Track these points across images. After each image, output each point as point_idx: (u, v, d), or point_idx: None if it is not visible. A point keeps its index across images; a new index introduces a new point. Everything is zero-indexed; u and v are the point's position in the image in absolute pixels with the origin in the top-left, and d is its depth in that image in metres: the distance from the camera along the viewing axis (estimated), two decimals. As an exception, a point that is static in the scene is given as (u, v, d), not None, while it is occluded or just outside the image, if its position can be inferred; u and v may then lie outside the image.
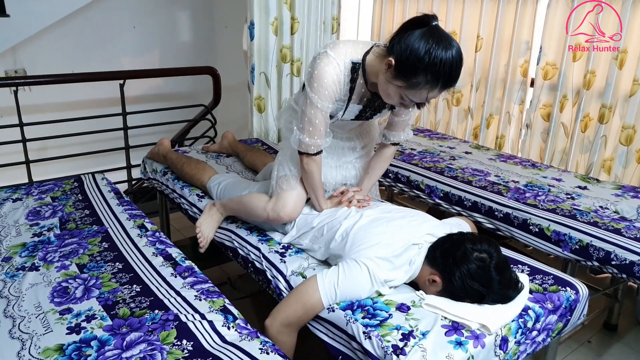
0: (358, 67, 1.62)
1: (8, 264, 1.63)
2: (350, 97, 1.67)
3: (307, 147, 1.69)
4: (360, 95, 1.69)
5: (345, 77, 1.62)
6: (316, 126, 1.65)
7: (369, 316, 1.43)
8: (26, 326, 1.33)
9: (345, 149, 1.95)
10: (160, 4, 4.42)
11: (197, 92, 4.22)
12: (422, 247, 1.57)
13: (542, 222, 2.07)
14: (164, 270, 1.61)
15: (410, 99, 1.50)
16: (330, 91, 1.60)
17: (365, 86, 1.66)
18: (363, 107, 1.73)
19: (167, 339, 1.28)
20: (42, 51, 3.82)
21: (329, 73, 1.58)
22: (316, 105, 1.61)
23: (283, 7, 2.97)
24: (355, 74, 1.62)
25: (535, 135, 3.13)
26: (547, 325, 1.51)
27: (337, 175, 1.95)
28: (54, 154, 3.27)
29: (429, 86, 1.44)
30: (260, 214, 1.84)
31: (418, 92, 1.46)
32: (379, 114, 1.80)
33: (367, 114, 1.78)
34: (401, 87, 1.48)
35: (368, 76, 1.62)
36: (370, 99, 1.71)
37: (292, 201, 1.79)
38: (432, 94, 1.47)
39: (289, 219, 1.81)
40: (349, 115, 1.75)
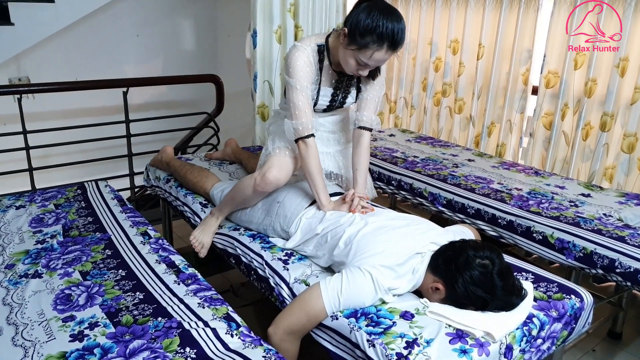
0: (323, 49, 1.86)
1: (11, 271, 1.63)
2: (320, 80, 1.88)
3: (297, 130, 1.83)
4: (329, 77, 1.91)
5: (314, 58, 1.84)
6: (300, 107, 1.81)
7: (372, 324, 1.43)
8: (29, 334, 1.32)
9: (331, 140, 2.08)
10: (163, 12, 4.45)
11: (200, 100, 4.23)
12: (425, 255, 1.57)
13: (546, 230, 2.07)
14: (167, 277, 1.61)
15: (362, 60, 1.71)
16: (304, 72, 1.81)
17: (331, 67, 1.88)
18: (333, 89, 1.93)
19: (171, 346, 1.28)
20: (45, 59, 3.84)
21: (299, 57, 1.81)
22: (295, 87, 1.80)
23: (287, 15, 2.98)
24: (322, 55, 1.86)
25: (537, 144, 3.13)
26: (552, 333, 1.50)
27: (330, 163, 2.06)
28: (57, 161, 3.28)
29: (376, 46, 1.67)
30: (248, 184, 1.92)
31: (367, 52, 1.69)
32: (349, 96, 1.97)
33: (339, 98, 1.96)
34: (354, 51, 1.70)
35: (332, 57, 1.86)
36: (338, 80, 1.92)
37: (277, 163, 1.89)
38: (379, 54, 1.69)
39: (275, 180, 1.87)
40: (324, 100, 1.93)
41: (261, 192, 1.92)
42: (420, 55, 3.82)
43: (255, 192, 1.92)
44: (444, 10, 3.58)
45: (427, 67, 3.79)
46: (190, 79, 4.11)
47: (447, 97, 3.68)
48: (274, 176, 1.87)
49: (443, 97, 3.69)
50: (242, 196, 1.98)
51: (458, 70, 3.53)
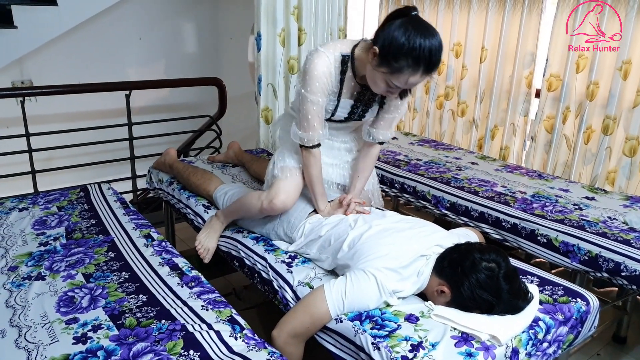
0: (347, 60, 1.70)
1: (14, 273, 1.62)
2: (341, 91, 1.75)
3: (302, 140, 1.77)
4: (351, 89, 1.76)
5: (336, 69, 1.70)
6: (310, 121, 1.73)
7: (377, 327, 1.42)
8: (32, 336, 1.32)
9: (342, 150, 2.00)
10: (165, 15, 4.45)
11: (202, 103, 4.23)
12: (430, 258, 1.56)
13: (550, 233, 2.06)
14: (171, 280, 1.60)
15: (395, 84, 1.57)
16: (321, 83, 1.68)
17: (354, 79, 1.73)
18: (354, 101, 1.79)
19: (174, 349, 1.27)
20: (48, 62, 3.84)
21: (319, 65, 1.67)
22: (308, 99, 1.69)
23: (290, 18, 2.98)
24: (345, 66, 1.71)
25: (539, 147, 3.13)
26: (558, 336, 1.49)
27: (334, 174, 2.00)
28: (59, 164, 3.28)
29: (411, 70, 1.52)
30: (255, 204, 1.87)
31: (401, 77, 1.54)
32: (369, 110, 1.85)
33: (359, 111, 1.83)
34: (385, 73, 1.55)
35: (357, 69, 1.70)
36: (360, 92, 1.78)
37: (285, 189, 1.83)
38: (414, 78, 1.54)
39: (282, 206, 1.83)
40: (342, 112, 1.81)
41: (266, 214, 1.90)
42: (422, 58, 3.81)
43: (261, 213, 1.90)
44: (447, 14, 3.58)
45: (430, 70, 3.78)
46: (193, 81, 4.11)
47: (449, 100, 3.67)
48: (282, 202, 1.82)
49: (446, 100, 3.68)
50: (248, 214, 1.96)
51: (461, 73, 3.53)
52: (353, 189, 1.97)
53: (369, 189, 2.14)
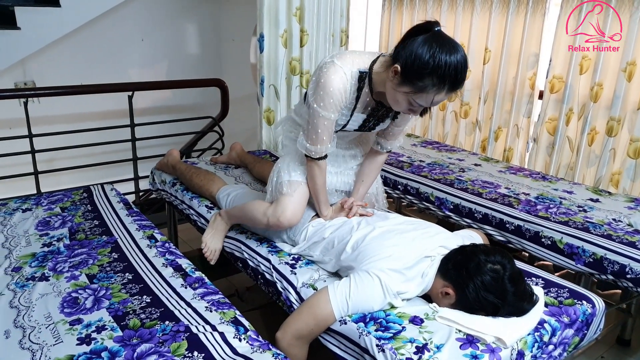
0: (365, 77, 1.63)
1: (18, 274, 1.62)
2: (355, 106, 1.69)
3: (309, 152, 1.72)
4: (365, 104, 1.70)
5: (352, 86, 1.62)
6: (319, 135, 1.67)
7: (382, 329, 1.41)
8: (36, 337, 1.31)
9: (347, 157, 1.97)
10: (168, 17, 4.46)
11: (204, 104, 4.24)
12: (434, 259, 1.55)
13: (555, 235, 2.05)
14: (174, 281, 1.60)
15: (418, 103, 1.51)
16: (336, 100, 1.61)
17: (370, 95, 1.66)
18: (367, 116, 1.74)
19: (178, 350, 1.27)
20: (51, 63, 3.85)
21: (335, 82, 1.59)
22: (320, 114, 1.62)
23: (293, 19, 2.98)
24: (362, 83, 1.63)
25: (541, 149, 3.12)
26: (564, 339, 1.48)
27: (337, 182, 1.97)
28: (62, 165, 3.28)
29: (436, 89, 1.45)
30: (261, 220, 1.83)
31: (425, 96, 1.48)
32: (381, 123, 1.80)
33: (370, 124, 1.78)
34: (408, 93, 1.49)
35: (374, 85, 1.63)
36: (375, 108, 1.72)
37: (292, 206, 1.79)
38: (439, 97, 1.48)
39: (288, 224, 1.80)
40: (353, 125, 1.76)
41: (273, 229, 1.88)
42: (425, 60, 3.81)
43: (267, 228, 1.87)
44: (450, 15, 3.57)
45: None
46: (195, 83, 4.12)
47: (452, 102, 3.67)
48: (288, 220, 1.78)
49: (449, 101, 3.68)
50: (252, 225, 1.95)
51: (464, 74, 3.52)
52: (356, 193, 1.95)
53: (373, 192, 2.12)
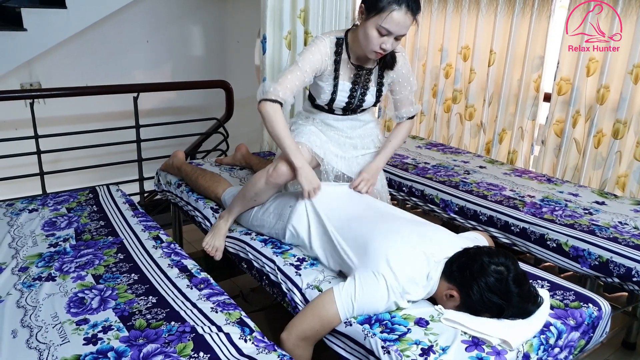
0: (341, 42, 1.90)
1: (25, 274, 1.63)
2: (337, 72, 1.91)
3: (267, 92, 1.84)
4: (347, 71, 1.93)
5: (330, 49, 1.88)
6: (286, 80, 1.84)
7: (387, 330, 1.41)
8: (43, 336, 1.32)
9: (347, 145, 2.08)
10: (172, 18, 4.47)
11: (209, 106, 4.24)
12: (439, 261, 1.55)
13: (560, 238, 2.05)
14: (180, 281, 1.61)
15: (383, 26, 1.71)
16: (314, 56, 1.85)
17: (349, 61, 1.91)
18: (352, 84, 1.94)
19: (184, 351, 1.27)
20: (57, 65, 3.86)
21: (315, 45, 1.88)
22: (298, 64, 1.85)
23: (297, 21, 2.98)
24: (339, 48, 1.90)
25: (548, 152, 3.11)
26: (570, 342, 1.48)
27: (343, 166, 2.06)
28: (67, 166, 3.29)
29: (395, 5, 1.69)
30: (261, 176, 1.91)
31: (388, 17, 1.70)
32: (368, 92, 1.97)
33: (358, 94, 1.96)
34: (374, 18, 1.72)
35: (350, 49, 1.90)
36: (356, 74, 1.94)
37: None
38: (399, 14, 1.69)
39: (287, 171, 1.85)
40: (342, 95, 1.95)
41: (273, 183, 1.89)
42: (430, 61, 3.81)
43: (267, 183, 1.90)
44: (455, 17, 3.57)
45: (438, 73, 3.78)
46: (200, 84, 4.12)
47: (457, 104, 3.66)
48: (287, 167, 1.85)
49: (453, 103, 3.67)
50: (254, 190, 1.95)
51: (469, 76, 3.52)
52: (376, 158, 2.06)
53: (377, 189, 2.15)
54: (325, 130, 2.06)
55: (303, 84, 1.89)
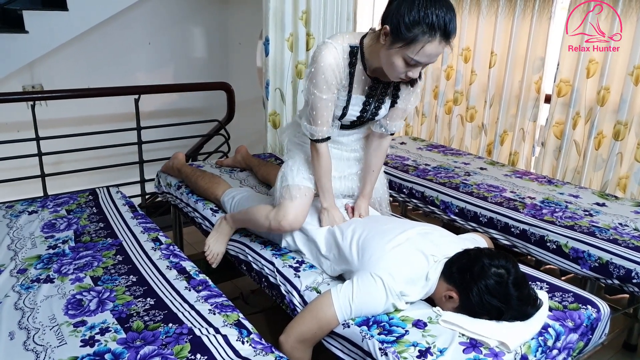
0: (356, 51, 1.65)
1: (23, 276, 1.63)
2: (351, 85, 1.69)
3: (312, 134, 1.74)
4: (361, 83, 1.71)
5: (344, 60, 1.64)
6: (316, 115, 1.70)
7: (385, 332, 1.41)
8: (40, 338, 1.32)
9: (351, 160, 1.97)
10: (174, 20, 4.48)
11: (210, 108, 4.24)
12: (438, 262, 1.55)
13: (560, 239, 2.04)
14: (178, 283, 1.61)
15: (413, 58, 1.49)
16: (328, 76, 1.63)
17: (364, 72, 1.68)
18: (366, 97, 1.74)
19: (181, 352, 1.27)
20: (58, 67, 3.87)
21: (326, 57, 1.62)
22: (315, 92, 1.66)
23: (299, 23, 2.99)
24: (354, 58, 1.66)
25: (548, 153, 3.11)
26: (568, 344, 1.47)
27: (341, 186, 1.97)
28: (69, 167, 3.29)
29: (427, 37, 1.45)
30: (263, 223, 1.85)
31: (418, 47, 1.46)
32: (382, 106, 1.78)
33: (372, 108, 1.77)
34: (401, 48, 1.48)
35: (367, 60, 1.66)
36: (372, 87, 1.72)
37: (294, 210, 1.80)
38: (431, 47, 1.46)
39: (290, 227, 1.81)
40: (354, 110, 1.75)
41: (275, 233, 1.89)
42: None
43: (269, 232, 1.89)
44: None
45: (439, 75, 3.77)
46: (202, 86, 4.13)
47: (458, 106, 3.66)
48: (290, 224, 1.80)
49: (454, 105, 3.67)
50: (255, 229, 1.97)
51: (470, 78, 3.52)
52: (364, 187, 1.93)
53: (377, 198, 2.10)
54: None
55: (334, 105, 1.72)
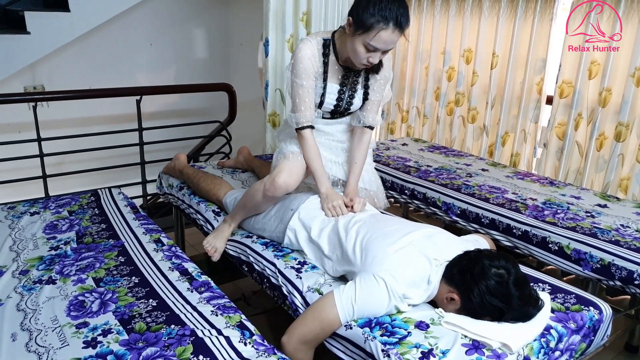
0: (328, 43, 1.91)
1: (25, 277, 1.63)
2: (326, 74, 1.92)
3: (296, 122, 1.91)
4: (335, 72, 1.93)
5: (318, 51, 1.89)
6: (297, 102, 1.90)
7: (387, 334, 1.41)
8: (43, 340, 1.32)
9: (339, 150, 2.10)
10: (176, 21, 4.48)
11: (212, 109, 4.25)
12: (440, 264, 1.55)
13: (562, 240, 2.04)
14: (180, 285, 1.61)
15: (370, 44, 1.72)
16: (306, 65, 1.87)
17: (337, 62, 1.92)
18: (340, 86, 1.95)
19: (184, 354, 1.27)
20: (60, 68, 3.88)
21: (303, 50, 1.87)
22: (295, 80, 1.88)
23: (299, 24, 2.99)
24: (327, 49, 1.91)
25: (551, 154, 3.11)
26: (570, 345, 1.47)
27: (338, 171, 2.08)
28: (70, 169, 3.30)
29: (382, 24, 1.69)
30: (258, 188, 1.93)
31: (375, 36, 1.70)
32: (356, 95, 1.98)
33: (346, 97, 1.97)
34: (361, 35, 1.72)
35: (338, 51, 1.90)
36: (344, 75, 1.94)
37: (287, 168, 1.91)
38: (386, 34, 1.70)
39: (284, 185, 1.88)
40: (331, 98, 1.95)
41: (271, 197, 1.92)
42: (433, 64, 3.81)
43: (265, 197, 1.92)
44: (457, 20, 3.57)
45: (440, 76, 3.77)
46: (203, 87, 4.14)
47: (460, 107, 3.66)
48: (284, 181, 1.88)
49: (456, 106, 3.67)
50: (253, 201, 1.98)
51: (471, 79, 3.52)
52: (352, 177, 2.03)
53: (373, 190, 2.17)
54: (316, 135, 2.03)
55: (314, 93, 1.92)
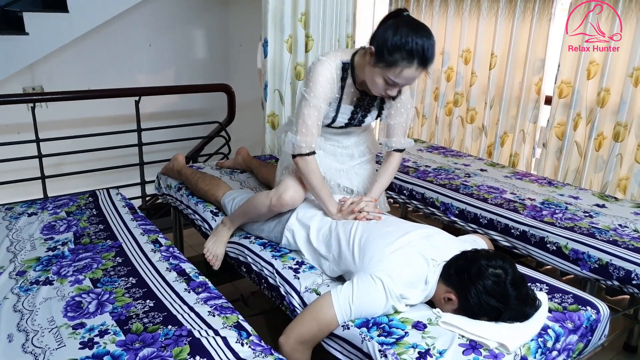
0: (347, 67, 1.81)
1: (22, 278, 1.63)
2: (341, 97, 1.84)
3: (299, 147, 1.80)
4: (350, 95, 1.85)
5: (337, 75, 1.80)
6: (308, 126, 1.79)
7: (384, 334, 1.41)
8: (39, 340, 1.32)
9: (344, 156, 2.04)
10: (175, 22, 4.49)
11: (211, 109, 4.25)
12: (437, 264, 1.55)
13: (560, 240, 2.04)
14: (178, 285, 1.60)
15: (391, 79, 1.65)
16: (324, 89, 1.77)
17: (354, 85, 1.83)
18: (354, 107, 1.88)
19: (181, 354, 1.27)
20: (59, 68, 3.88)
21: (322, 73, 1.77)
22: (310, 102, 1.77)
23: (298, 25, 2.99)
24: (345, 73, 1.81)
25: (550, 154, 3.11)
26: (568, 345, 1.47)
27: (341, 178, 2.03)
28: (69, 169, 3.30)
29: (406, 62, 1.61)
30: (264, 202, 1.89)
31: (397, 71, 1.63)
32: (369, 115, 1.93)
33: (359, 116, 1.91)
34: (382, 69, 1.65)
35: (356, 75, 1.81)
36: (360, 98, 1.87)
37: (294, 185, 1.87)
38: (409, 72, 1.63)
39: (291, 201, 1.85)
40: (343, 117, 1.89)
41: (277, 211, 1.91)
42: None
43: (270, 211, 1.90)
44: (456, 20, 3.57)
45: (439, 76, 3.77)
46: (202, 88, 4.14)
47: (459, 107, 3.66)
48: (291, 197, 1.85)
49: (455, 106, 3.67)
50: (256, 212, 1.96)
51: (470, 79, 3.52)
52: (370, 192, 1.98)
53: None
54: (320, 142, 1.96)
55: (322, 119, 1.83)
